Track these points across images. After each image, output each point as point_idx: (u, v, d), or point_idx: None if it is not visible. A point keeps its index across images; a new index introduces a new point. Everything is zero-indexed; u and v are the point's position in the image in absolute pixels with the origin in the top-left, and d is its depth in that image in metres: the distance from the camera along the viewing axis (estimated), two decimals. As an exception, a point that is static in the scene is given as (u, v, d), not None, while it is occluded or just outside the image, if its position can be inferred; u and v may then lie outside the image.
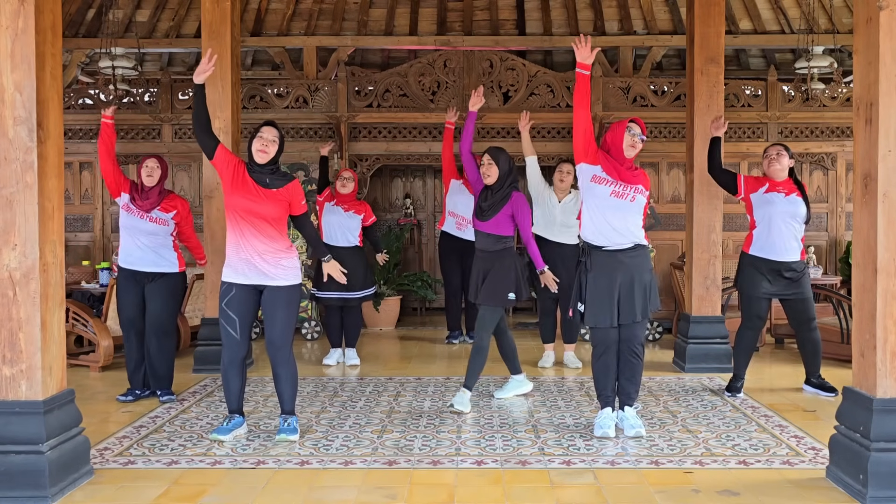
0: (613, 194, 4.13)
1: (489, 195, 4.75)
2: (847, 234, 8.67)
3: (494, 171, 4.69)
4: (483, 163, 4.72)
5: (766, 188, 5.14)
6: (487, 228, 4.76)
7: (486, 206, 4.73)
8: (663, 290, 4.39)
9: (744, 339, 5.24)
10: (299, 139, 8.33)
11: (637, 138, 4.17)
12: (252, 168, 4.14)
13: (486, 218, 4.74)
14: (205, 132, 4.16)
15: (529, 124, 5.77)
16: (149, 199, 5.01)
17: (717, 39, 6.07)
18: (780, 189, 5.12)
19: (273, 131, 4.20)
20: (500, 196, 4.71)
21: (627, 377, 4.28)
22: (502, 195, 4.71)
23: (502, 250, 4.77)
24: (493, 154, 4.72)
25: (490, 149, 4.77)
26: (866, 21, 3.36)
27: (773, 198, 5.10)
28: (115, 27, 8.51)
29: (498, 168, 4.71)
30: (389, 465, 3.80)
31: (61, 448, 3.36)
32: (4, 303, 3.27)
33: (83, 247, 8.70)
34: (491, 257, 4.79)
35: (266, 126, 4.21)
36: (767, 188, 5.13)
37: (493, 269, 4.77)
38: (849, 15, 8.65)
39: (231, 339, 4.15)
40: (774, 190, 5.12)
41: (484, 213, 4.74)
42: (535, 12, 9.19)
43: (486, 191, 4.77)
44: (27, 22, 3.22)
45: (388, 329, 8.32)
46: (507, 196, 4.71)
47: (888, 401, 3.28)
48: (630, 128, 4.18)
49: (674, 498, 3.35)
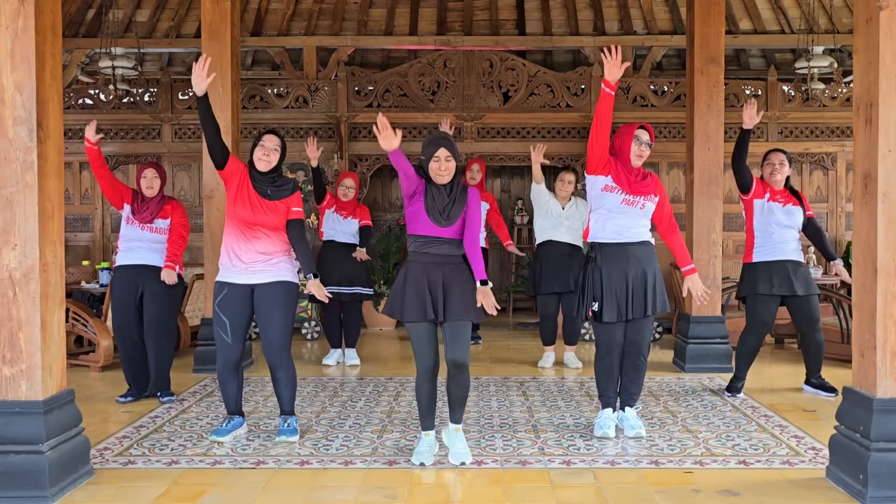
0: (624, 202, 4.13)
1: (444, 194, 3.76)
2: (847, 234, 8.67)
3: (453, 166, 3.76)
4: (439, 157, 3.73)
5: (768, 197, 5.14)
6: (449, 233, 3.77)
7: (445, 206, 3.75)
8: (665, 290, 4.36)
9: (746, 343, 5.23)
10: (299, 139, 8.33)
11: (644, 147, 4.14)
12: (254, 176, 4.15)
13: (451, 221, 3.75)
14: (216, 143, 4.11)
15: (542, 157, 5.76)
16: (148, 210, 5.03)
17: (717, 39, 6.08)
18: (778, 199, 5.14)
19: (275, 140, 4.20)
20: (458, 194, 3.80)
21: (631, 378, 4.27)
22: (461, 192, 3.82)
23: (461, 257, 3.84)
24: (450, 148, 3.76)
25: (444, 141, 3.76)
26: (866, 21, 3.36)
27: (773, 207, 5.12)
28: (115, 27, 8.51)
29: (455, 162, 3.79)
30: (389, 465, 3.80)
31: (61, 448, 3.36)
32: (4, 303, 3.27)
33: (83, 247, 8.70)
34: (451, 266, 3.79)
35: (268, 135, 4.21)
36: (769, 197, 5.14)
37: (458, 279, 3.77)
38: (849, 15, 8.65)
39: (223, 342, 4.15)
40: (774, 199, 5.14)
41: (447, 215, 3.75)
42: (535, 12, 9.19)
43: (436, 190, 3.76)
44: (27, 22, 3.22)
45: (388, 329, 8.32)
46: (465, 192, 3.83)
47: (888, 401, 3.27)
48: (638, 136, 4.14)
49: (674, 498, 3.35)
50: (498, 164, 8.75)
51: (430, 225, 3.75)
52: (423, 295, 3.71)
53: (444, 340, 3.77)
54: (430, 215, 3.74)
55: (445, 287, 3.73)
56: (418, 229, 3.79)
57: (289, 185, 4.21)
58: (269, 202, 4.12)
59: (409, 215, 3.84)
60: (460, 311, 3.72)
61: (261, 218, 4.10)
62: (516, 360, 6.58)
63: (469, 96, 8.53)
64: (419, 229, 3.79)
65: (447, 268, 3.77)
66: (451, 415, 3.86)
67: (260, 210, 4.10)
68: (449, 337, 3.75)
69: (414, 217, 3.81)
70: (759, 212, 5.17)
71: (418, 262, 3.78)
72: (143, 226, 5.03)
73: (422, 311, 3.71)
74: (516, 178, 9.98)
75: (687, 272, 4.21)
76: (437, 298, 3.72)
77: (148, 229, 5.04)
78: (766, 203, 5.14)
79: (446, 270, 3.76)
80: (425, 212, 3.75)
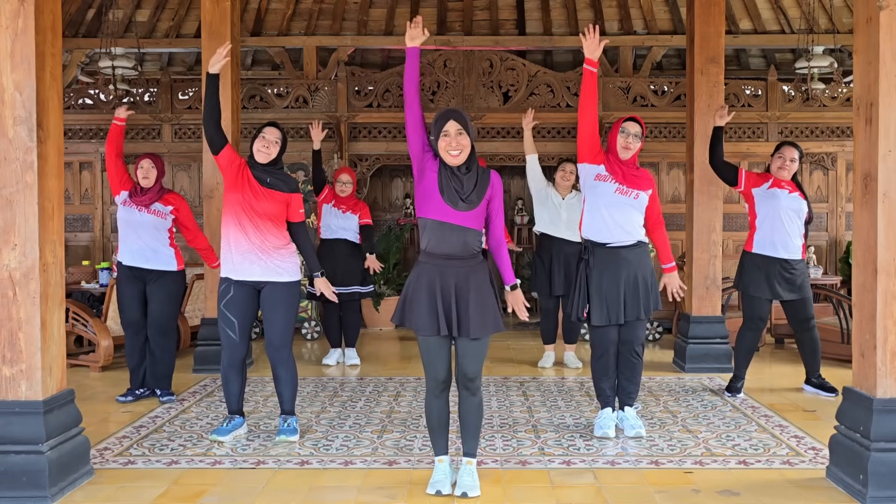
0: (617, 191, 4.12)
1: (461, 177, 3.23)
2: (847, 234, 8.67)
3: (467, 142, 3.21)
4: (449, 132, 3.18)
5: (770, 184, 5.13)
6: (467, 221, 3.21)
7: (465, 188, 3.22)
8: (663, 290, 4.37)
9: (744, 339, 5.24)
10: (299, 139, 8.32)
11: (631, 139, 4.11)
12: (254, 166, 4.16)
13: (471, 205, 3.21)
14: (215, 126, 4.13)
15: (533, 123, 5.76)
16: (147, 195, 5.01)
17: (717, 39, 6.08)
18: (783, 186, 5.12)
19: (275, 132, 4.21)
20: (480, 177, 3.27)
21: (627, 377, 4.27)
22: (482, 175, 3.28)
23: (479, 255, 3.34)
24: (461, 120, 3.20)
25: (453, 113, 3.21)
26: (866, 21, 3.36)
27: (778, 193, 5.09)
28: (115, 27, 8.51)
29: (469, 138, 3.23)
30: (389, 465, 3.80)
31: (61, 448, 3.36)
32: (4, 303, 3.27)
33: (83, 247, 8.70)
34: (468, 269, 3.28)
35: (268, 126, 4.22)
36: (771, 184, 5.12)
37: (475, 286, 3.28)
38: (849, 15, 8.65)
39: (230, 340, 4.15)
40: (778, 186, 5.11)
41: (465, 196, 3.21)
42: (535, 12, 9.19)
43: (451, 173, 3.23)
44: (27, 22, 3.22)
45: (388, 329, 8.32)
46: (488, 176, 3.29)
47: (888, 401, 3.28)
48: (623, 129, 4.13)
49: (674, 498, 3.35)
50: (498, 163, 8.74)
51: (445, 207, 3.17)
52: (434, 306, 3.24)
53: (456, 352, 3.37)
54: (444, 195, 3.17)
55: (460, 296, 3.25)
56: (429, 212, 3.20)
57: (290, 181, 4.22)
58: (268, 190, 4.11)
59: (419, 195, 3.26)
60: (478, 326, 3.24)
61: (260, 205, 4.09)
62: (516, 360, 6.58)
63: (469, 96, 8.53)
64: (430, 212, 3.20)
65: (463, 271, 3.25)
66: (464, 445, 3.41)
67: (260, 196, 4.09)
68: (461, 351, 3.32)
69: (425, 197, 3.22)
70: (760, 199, 5.13)
71: (431, 264, 3.27)
72: (140, 207, 4.99)
73: (433, 325, 3.25)
74: (516, 177, 9.98)
75: (667, 269, 4.26)
76: (451, 309, 3.24)
77: (146, 211, 4.99)
78: (766, 190, 5.11)
79: (461, 275, 3.25)
80: (438, 191, 3.18)
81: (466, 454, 3.42)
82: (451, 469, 3.47)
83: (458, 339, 3.31)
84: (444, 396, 3.39)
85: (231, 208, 4.12)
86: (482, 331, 3.26)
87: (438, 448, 3.45)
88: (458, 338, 3.31)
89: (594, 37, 3.86)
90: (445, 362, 3.33)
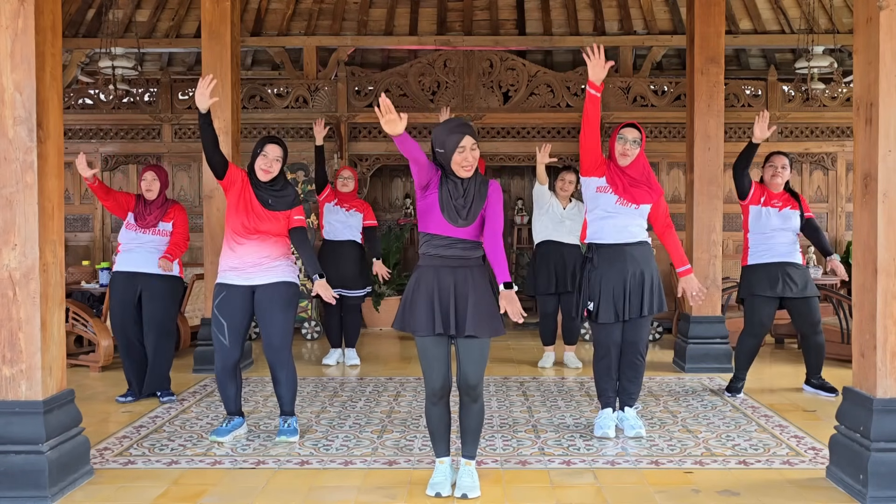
0: (619, 202, 4.12)
1: (462, 190, 3.31)
2: (847, 234, 8.67)
3: (478, 154, 3.32)
4: (464, 147, 3.25)
5: (764, 200, 5.14)
6: (465, 234, 3.30)
7: (464, 203, 3.29)
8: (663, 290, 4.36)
9: (745, 345, 5.22)
10: (299, 139, 8.32)
11: (629, 145, 4.09)
12: (255, 184, 4.15)
13: (469, 221, 3.29)
14: (215, 154, 4.11)
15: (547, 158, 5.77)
16: (152, 215, 5.03)
17: (717, 39, 6.08)
18: (774, 202, 5.14)
19: (277, 150, 4.16)
20: (478, 188, 3.34)
21: (630, 378, 4.27)
22: (480, 186, 3.35)
23: (479, 259, 3.39)
24: (474, 135, 3.31)
25: (468, 128, 3.29)
26: (866, 21, 3.36)
27: (769, 212, 5.13)
28: (114, 27, 8.51)
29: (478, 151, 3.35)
30: (389, 465, 3.80)
31: (61, 448, 3.36)
32: (4, 303, 3.27)
33: (83, 247, 8.70)
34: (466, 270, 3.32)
35: (270, 144, 4.15)
36: (765, 200, 5.14)
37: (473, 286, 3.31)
38: (849, 15, 8.65)
39: (221, 344, 4.15)
40: (770, 204, 5.14)
41: (465, 213, 3.29)
42: (535, 12, 9.19)
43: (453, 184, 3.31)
44: (27, 22, 3.22)
45: (388, 329, 8.31)
46: (486, 187, 3.36)
47: (888, 401, 3.27)
48: (621, 135, 4.11)
49: (674, 498, 3.35)
50: (498, 164, 8.74)
51: (445, 224, 3.27)
52: (431, 305, 3.24)
53: (456, 358, 3.34)
54: (444, 212, 3.26)
55: (458, 295, 3.25)
56: (430, 227, 3.31)
57: (290, 196, 4.21)
58: (270, 212, 4.13)
59: (421, 210, 3.34)
60: (475, 325, 3.23)
61: (261, 226, 4.12)
62: (516, 360, 6.58)
63: (469, 96, 8.53)
64: (431, 227, 3.30)
65: (461, 272, 3.29)
66: (463, 448, 3.42)
67: (261, 219, 4.11)
68: (462, 355, 3.29)
69: (426, 212, 3.32)
70: (754, 217, 5.18)
71: (429, 266, 3.31)
72: (144, 230, 5.04)
73: (430, 323, 3.24)
74: (516, 178, 9.98)
75: (682, 273, 4.15)
76: (448, 308, 3.24)
77: (150, 232, 5.05)
78: (761, 209, 5.15)
79: (459, 275, 3.28)
80: (440, 208, 3.27)
81: (466, 456, 3.43)
82: (452, 469, 3.48)
83: (458, 341, 3.30)
84: (442, 404, 3.38)
85: (233, 227, 4.14)
86: (479, 329, 3.24)
87: (439, 451, 3.45)
88: (458, 340, 3.29)
89: (599, 58, 3.66)
90: (443, 368, 3.31)
